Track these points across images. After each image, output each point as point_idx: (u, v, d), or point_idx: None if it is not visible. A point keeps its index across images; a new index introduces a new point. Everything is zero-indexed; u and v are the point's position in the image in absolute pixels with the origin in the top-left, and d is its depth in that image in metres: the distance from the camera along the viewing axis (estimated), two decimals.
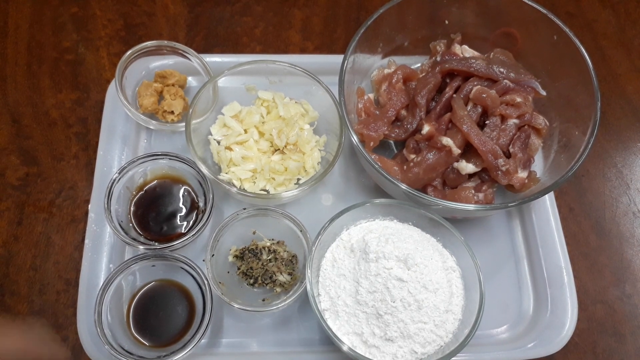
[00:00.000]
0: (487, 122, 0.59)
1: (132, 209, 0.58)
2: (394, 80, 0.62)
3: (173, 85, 0.66)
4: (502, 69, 0.60)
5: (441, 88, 0.62)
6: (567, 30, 0.58)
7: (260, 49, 0.75)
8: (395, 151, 0.64)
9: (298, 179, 0.61)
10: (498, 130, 0.58)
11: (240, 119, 0.63)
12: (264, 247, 0.57)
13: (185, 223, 0.58)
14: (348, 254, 0.52)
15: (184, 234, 0.56)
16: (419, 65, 0.66)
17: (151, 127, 0.63)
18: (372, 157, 0.56)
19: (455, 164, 0.58)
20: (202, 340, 0.50)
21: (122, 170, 0.57)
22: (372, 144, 0.59)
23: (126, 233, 0.55)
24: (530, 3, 0.60)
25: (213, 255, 0.54)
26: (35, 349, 0.32)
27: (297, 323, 0.56)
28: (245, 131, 0.61)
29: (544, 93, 0.61)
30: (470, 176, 0.59)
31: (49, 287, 0.59)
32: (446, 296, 0.50)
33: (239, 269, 0.56)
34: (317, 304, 0.49)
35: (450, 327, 0.50)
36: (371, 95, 0.64)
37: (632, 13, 0.80)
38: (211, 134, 0.62)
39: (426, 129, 0.58)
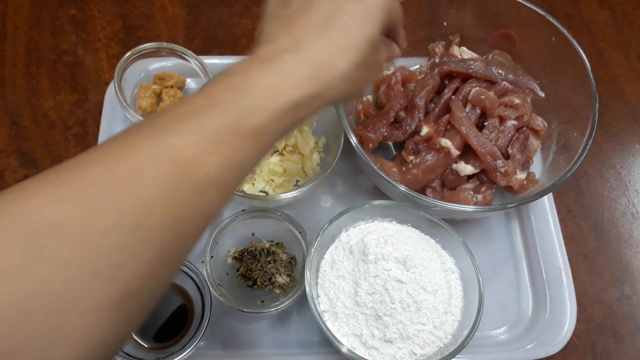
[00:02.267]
0: (485, 123, 0.59)
1: None
2: (392, 82, 0.62)
3: (172, 87, 0.66)
4: (500, 71, 0.60)
5: (440, 90, 0.62)
6: (565, 31, 0.59)
7: None
8: (394, 153, 0.64)
9: (297, 181, 0.61)
10: (497, 131, 0.58)
11: None
12: (262, 249, 0.57)
13: None
14: (347, 256, 0.52)
15: None
16: (417, 66, 0.66)
17: None
18: (371, 158, 0.57)
19: (454, 166, 0.58)
20: (201, 342, 0.50)
21: None
22: (371, 145, 0.59)
23: None
24: (528, 5, 0.60)
25: (212, 256, 0.54)
26: None
27: (296, 325, 0.56)
28: None
29: (542, 94, 0.61)
30: (469, 177, 0.59)
31: None
32: (445, 297, 0.50)
33: (237, 270, 0.56)
34: (316, 305, 0.49)
35: (450, 328, 0.50)
36: (370, 97, 0.64)
37: (630, 15, 0.81)
38: None
39: (425, 130, 0.58)
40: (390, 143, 0.64)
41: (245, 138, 0.31)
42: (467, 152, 0.58)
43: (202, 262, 0.54)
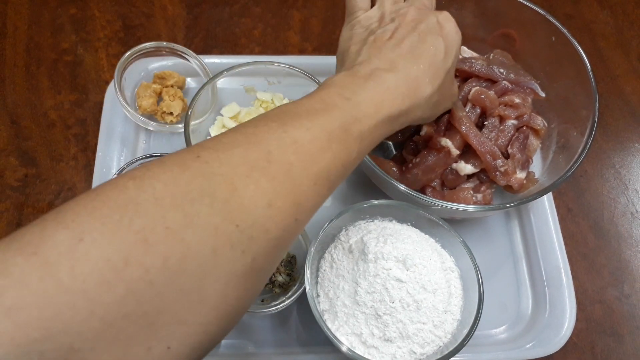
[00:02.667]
0: (485, 123, 0.59)
1: None
2: None
3: (172, 86, 0.66)
4: (502, 70, 0.60)
5: None
6: (565, 31, 0.59)
7: (259, 50, 0.75)
8: (394, 152, 0.64)
9: None
10: (497, 131, 0.58)
11: (239, 120, 0.63)
12: None
13: None
14: (347, 255, 0.52)
15: None
16: None
17: (150, 128, 0.63)
18: (371, 158, 0.57)
19: (454, 165, 0.58)
20: None
21: (120, 172, 0.57)
22: None
23: None
24: (528, 4, 0.60)
25: None
26: None
27: (296, 324, 0.56)
28: None
29: (543, 94, 0.61)
30: (469, 177, 0.59)
31: None
32: (445, 296, 0.50)
33: None
34: (316, 304, 0.49)
35: (449, 327, 0.50)
36: None
37: (630, 14, 0.81)
38: (210, 135, 0.62)
39: (425, 130, 0.58)
40: (390, 143, 0.64)
41: (352, 140, 0.36)
42: (467, 151, 0.58)
43: None
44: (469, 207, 0.53)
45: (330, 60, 0.67)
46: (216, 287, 0.27)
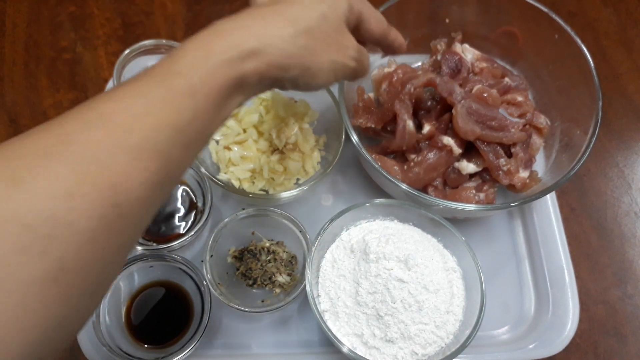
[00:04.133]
0: None
1: None
2: (394, 80, 0.61)
3: None
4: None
5: None
6: (568, 29, 0.58)
7: None
8: None
9: (297, 179, 0.61)
10: None
11: (239, 118, 0.62)
12: (263, 248, 0.56)
13: (183, 223, 0.58)
14: (348, 255, 0.52)
15: (182, 235, 0.55)
16: (419, 64, 0.66)
17: None
18: (372, 156, 0.56)
19: (456, 164, 0.57)
20: (201, 342, 0.50)
21: None
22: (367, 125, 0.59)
23: None
24: (531, 2, 0.60)
25: (212, 256, 0.54)
26: None
27: (297, 324, 0.56)
28: (244, 131, 0.61)
29: None
30: (471, 176, 0.59)
31: None
32: (447, 297, 0.50)
33: (237, 269, 0.56)
34: (316, 305, 0.49)
35: (451, 328, 0.50)
36: (371, 95, 0.63)
37: (633, 12, 0.80)
38: None
39: (426, 128, 0.58)
40: None
41: (180, 97, 0.31)
42: (470, 150, 0.58)
43: (202, 261, 0.53)
44: (472, 207, 0.52)
45: None
46: (12, 301, 0.24)
